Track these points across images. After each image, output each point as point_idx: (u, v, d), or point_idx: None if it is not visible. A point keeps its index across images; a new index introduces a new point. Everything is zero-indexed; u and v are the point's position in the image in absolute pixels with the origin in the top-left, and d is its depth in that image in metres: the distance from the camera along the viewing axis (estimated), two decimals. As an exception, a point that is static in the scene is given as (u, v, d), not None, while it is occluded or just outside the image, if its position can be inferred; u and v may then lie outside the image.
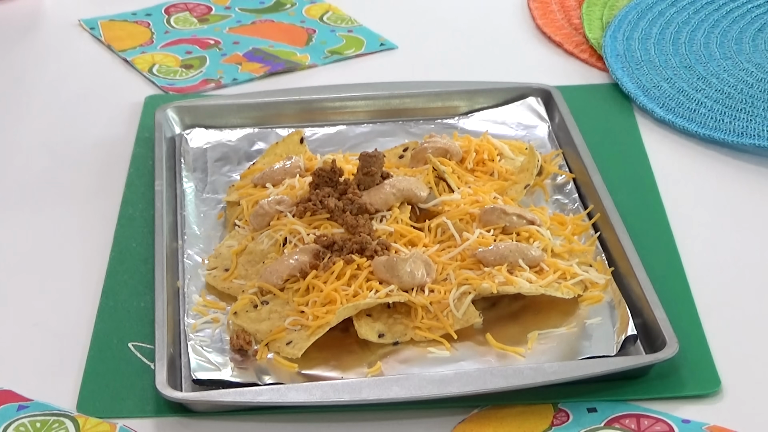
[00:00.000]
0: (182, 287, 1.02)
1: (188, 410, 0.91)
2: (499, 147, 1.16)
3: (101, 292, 1.03)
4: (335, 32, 1.43)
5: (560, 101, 1.23)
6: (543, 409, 0.91)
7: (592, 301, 0.99)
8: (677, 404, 0.92)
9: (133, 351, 0.97)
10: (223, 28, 1.44)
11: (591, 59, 1.37)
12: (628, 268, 1.00)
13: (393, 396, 0.90)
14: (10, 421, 0.90)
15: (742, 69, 1.30)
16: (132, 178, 1.16)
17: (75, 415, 0.91)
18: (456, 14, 1.48)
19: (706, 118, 1.23)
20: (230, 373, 0.93)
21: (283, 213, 1.05)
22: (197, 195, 1.13)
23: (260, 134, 1.21)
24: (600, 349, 0.94)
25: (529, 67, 1.36)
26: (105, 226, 1.10)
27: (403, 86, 1.26)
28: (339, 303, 0.95)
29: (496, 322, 0.98)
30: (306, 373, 0.93)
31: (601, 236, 1.05)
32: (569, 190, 1.12)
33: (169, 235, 1.06)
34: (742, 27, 1.38)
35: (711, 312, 1.00)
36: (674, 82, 1.29)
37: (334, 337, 0.95)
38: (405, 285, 0.97)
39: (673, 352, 0.92)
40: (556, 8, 1.46)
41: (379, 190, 1.05)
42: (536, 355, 0.94)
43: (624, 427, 0.89)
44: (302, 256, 1.00)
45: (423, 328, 0.96)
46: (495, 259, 0.99)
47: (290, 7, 1.48)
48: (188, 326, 0.97)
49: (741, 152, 1.20)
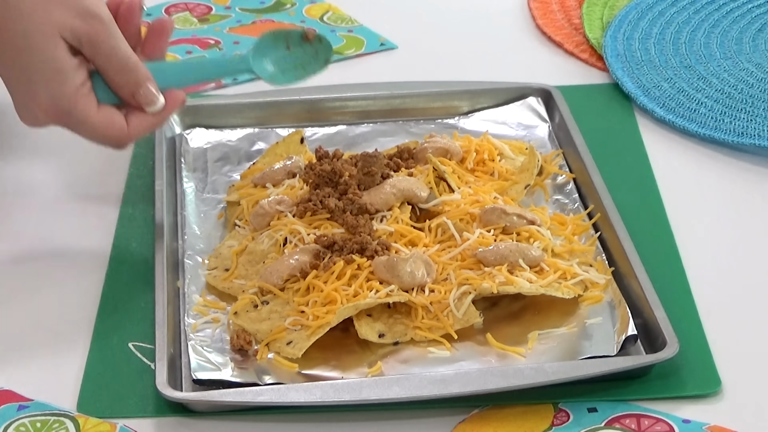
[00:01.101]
0: (182, 287, 1.02)
1: (188, 410, 0.91)
2: (500, 147, 1.16)
3: (101, 292, 1.03)
4: (335, 32, 1.43)
5: (560, 101, 1.23)
6: (543, 409, 0.91)
7: (592, 301, 0.99)
8: (677, 404, 0.92)
9: (133, 351, 0.97)
10: (223, 28, 1.44)
11: (591, 59, 1.37)
12: (628, 268, 1.00)
13: (393, 396, 0.90)
14: (10, 421, 0.90)
15: (742, 69, 1.30)
16: (132, 178, 1.16)
17: (75, 415, 0.91)
18: (456, 14, 1.48)
19: (706, 118, 1.23)
20: (230, 373, 0.93)
21: (283, 213, 1.05)
22: (197, 195, 1.13)
23: (260, 134, 1.21)
24: (600, 349, 0.94)
25: (529, 67, 1.36)
26: (105, 226, 1.10)
27: (403, 86, 1.26)
28: (339, 303, 0.95)
29: (496, 322, 0.98)
30: (306, 373, 0.93)
31: (602, 236, 1.05)
32: (569, 190, 1.12)
33: (169, 235, 1.06)
34: (742, 27, 1.38)
35: (711, 312, 1.00)
36: (674, 82, 1.29)
37: (334, 337, 0.95)
38: (405, 285, 0.97)
39: (674, 352, 0.92)
40: (557, 8, 1.46)
41: (380, 190, 1.05)
42: (536, 355, 0.94)
43: (624, 427, 0.89)
44: (302, 256, 1.00)
45: (423, 328, 0.96)
46: (495, 259, 0.99)
47: (290, 7, 1.48)
48: (188, 326, 0.97)
49: (741, 152, 1.20)
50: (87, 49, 0.97)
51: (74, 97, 0.96)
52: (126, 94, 0.99)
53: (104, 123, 0.98)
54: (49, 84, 0.96)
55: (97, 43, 0.96)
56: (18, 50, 0.95)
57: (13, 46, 0.96)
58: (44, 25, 0.95)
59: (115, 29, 0.97)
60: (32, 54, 0.95)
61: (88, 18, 0.96)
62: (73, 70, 0.96)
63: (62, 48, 0.95)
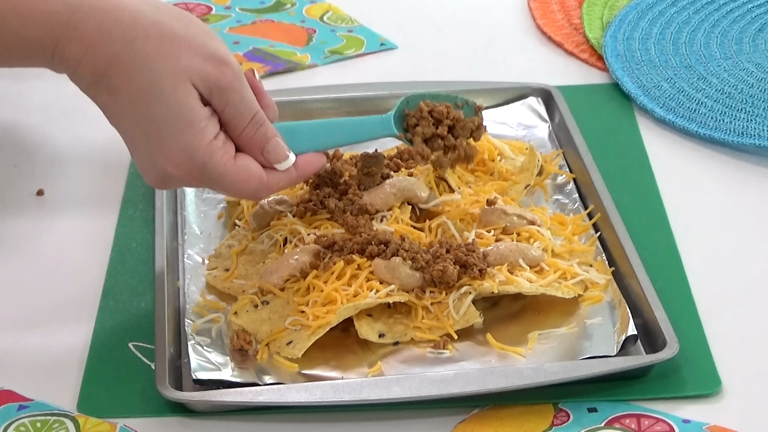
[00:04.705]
0: (182, 287, 1.02)
1: (188, 410, 0.91)
2: (500, 147, 1.16)
3: (101, 292, 1.03)
4: (335, 32, 1.43)
5: (560, 101, 1.23)
6: (543, 409, 0.91)
7: (592, 301, 0.99)
8: (677, 404, 0.92)
9: (134, 351, 0.97)
10: (223, 28, 1.44)
11: (591, 59, 1.37)
12: (628, 268, 1.00)
13: (393, 396, 0.90)
14: (11, 421, 0.90)
15: (742, 69, 1.30)
16: (132, 178, 1.16)
17: (75, 415, 0.91)
18: (456, 14, 1.48)
19: (706, 118, 1.23)
20: (230, 373, 0.93)
21: (283, 213, 1.05)
22: (197, 195, 1.13)
23: (260, 134, 1.21)
24: (600, 349, 0.94)
25: (529, 67, 1.36)
26: (105, 226, 1.10)
27: (403, 86, 1.25)
28: (339, 303, 0.95)
29: (496, 322, 0.98)
30: (306, 373, 0.93)
31: (602, 236, 1.05)
32: (569, 190, 1.12)
33: (170, 235, 1.06)
34: (742, 27, 1.38)
35: (711, 312, 1.00)
36: (674, 82, 1.29)
37: (334, 337, 0.95)
38: (405, 285, 0.97)
39: (674, 352, 0.92)
40: (557, 8, 1.46)
41: (380, 190, 1.05)
42: (537, 355, 0.94)
43: (624, 427, 0.89)
44: (302, 256, 1.00)
45: (423, 328, 0.96)
46: (495, 259, 0.99)
47: (290, 7, 1.48)
48: (188, 326, 0.97)
49: (741, 152, 1.20)
50: (217, 98, 0.88)
51: (209, 150, 0.88)
52: (255, 149, 0.91)
53: (242, 176, 0.91)
54: (182, 136, 0.87)
55: (228, 91, 0.88)
56: (146, 100, 0.87)
57: (140, 96, 0.87)
58: (173, 71, 0.86)
59: (244, 79, 0.90)
60: (161, 103, 0.86)
61: (218, 65, 0.88)
62: (206, 119, 0.88)
63: (194, 96, 0.87)
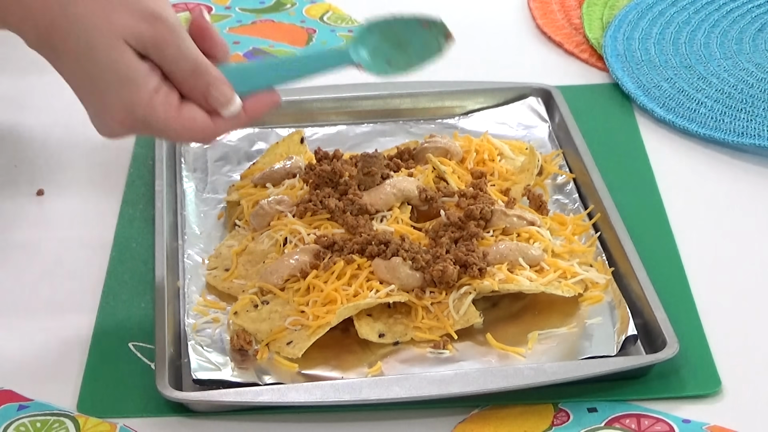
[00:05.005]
0: (182, 287, 1.02)
1: (188, 410, 0.91)
2: (500, 147, 1.16)
3: (101, 292, 1.03)
4: (335, 32, 1.43)
5: (560, 101, 1.23)
6: (543, 409, 0.91)
7: (592, 301, 0.99)
8: (677, 404, 0.92)
9: (134, 351, 0.97)
10: (223, 28, 1.44)
11: (591, 59, 1.37)
12: (628, 268, 1.00)
13: (393, 396, 0.90)
14: (10, 421, 0.90)
15: (742, 69, 1.30)
16: (132, 178, 1.16)
17: (75, 415, 0.91)
18: (456, 14, 1.47)
19: (706, 118, 1.23)
20: (230, 373, 0.93)
21: (283, 213, 1.05)
22: (197, 195, 1.13)
23: (260, 134, 1.21)
24: (600, 349, 0.94)
25: (529, 67, 1.36)
26: (105, 226, 1.10)
27: (403, 86, 1.26)
28: (339, 303, 0.95)
29: (496, 322, 0.98)
30: (306, 373, 0.93)
31: (602, 236, 1.05)
32: (569, 190, 1.12)
33: (169, 235, 1.06)
34: (742, 27, 1.38)
35: (711, 312, 1.00)
36: (674, 82, 1.29)
37: (334, 337, 0.95)
38: (405, 286, 0.97)
39: (674, 353, 0.92)
40: (556, 8, 1.46)
41: (380, 190, 1.05)
42: (537, 355, 0.94)
43: (624, 427, 0.89)
44: (302, 256, 1.00)
45: (423, 328, 0.96)
46: (495, 258, 0.99)
47: (290, 7, 1.48)
48: (188, 326, 0.97)
49: (741, 152, 1.20)
50: (153, 54, 0.90)
51: (150, 104, 0.90)
52: (198, 97, 0.92)
53: (186, 126, 0.91)
54: (120, 93, 0.89)
55: (163, 46, 0.90)
56: (82, 60, 0.89)
57: (78, 56, 0.89)
58: (105, 31, 0.88)
59: (182, 31, 0.91)
60: (97, 63, 0.88)
61: (152, 21, 0.89)
62: (144, 75, 0.89)
63: (129, 54, 0.89)
